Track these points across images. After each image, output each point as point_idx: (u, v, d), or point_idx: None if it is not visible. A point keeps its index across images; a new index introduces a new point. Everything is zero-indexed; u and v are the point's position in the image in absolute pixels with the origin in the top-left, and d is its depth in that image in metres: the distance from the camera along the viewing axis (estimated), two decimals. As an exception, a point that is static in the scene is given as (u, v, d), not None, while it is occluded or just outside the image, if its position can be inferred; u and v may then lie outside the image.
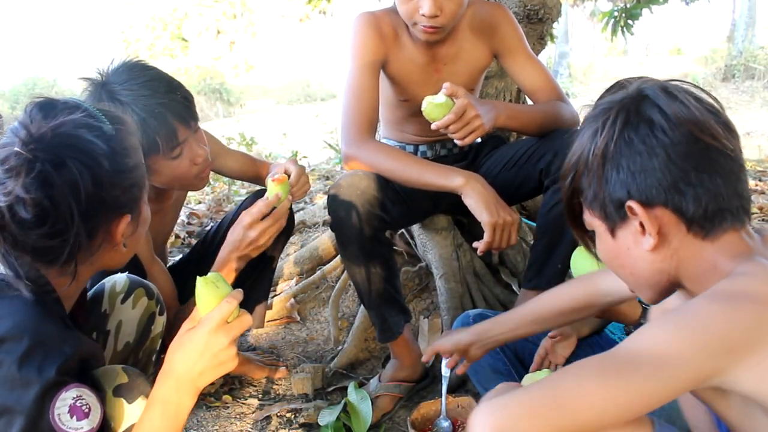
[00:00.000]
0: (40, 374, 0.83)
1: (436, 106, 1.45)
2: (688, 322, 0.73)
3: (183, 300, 1.62)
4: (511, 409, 0.69)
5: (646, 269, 0.84)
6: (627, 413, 0.70)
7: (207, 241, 1.90)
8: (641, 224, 0.81)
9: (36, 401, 0.81)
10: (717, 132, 0.78)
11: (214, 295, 0.95)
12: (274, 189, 1.48)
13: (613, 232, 0.85)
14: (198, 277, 0.96)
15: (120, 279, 1.30)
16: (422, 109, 1.46)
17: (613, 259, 0.88)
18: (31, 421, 0.81)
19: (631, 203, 0.80)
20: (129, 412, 0.94)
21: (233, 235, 1.46)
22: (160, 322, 1.37)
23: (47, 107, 0.93)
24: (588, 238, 0.93)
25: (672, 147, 0.78)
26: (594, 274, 1.21)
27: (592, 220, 0.88)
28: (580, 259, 1.39)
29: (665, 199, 0.79)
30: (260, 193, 1.65)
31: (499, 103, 1.49)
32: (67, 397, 0.84)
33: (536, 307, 1.26)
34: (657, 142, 0.78)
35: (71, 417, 0.84)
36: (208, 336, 0.91)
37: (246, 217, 1.44)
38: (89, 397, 0.87)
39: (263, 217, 1.44)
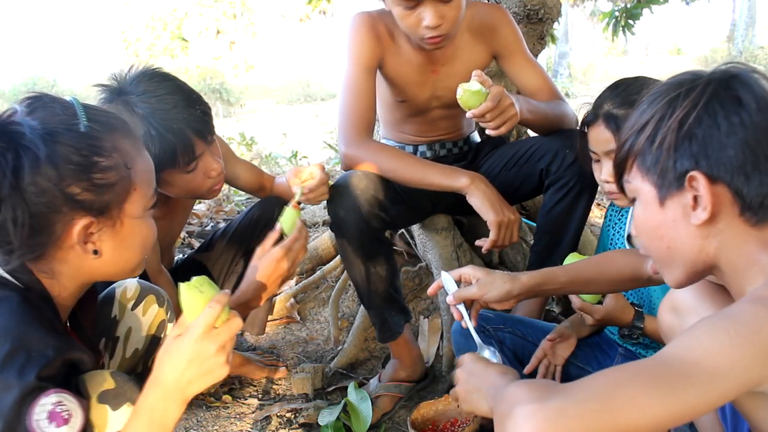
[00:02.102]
0: (20, 378, 0.81)
1: (473, 94, 1.39)
2: (738, 330, 0.72)
3: None
4: (558, 418, 0.67)
5: (687, 244, 0.84)
6: (677, 423, 0.70)
7: (212, 245, 1.89)
8: (695, 198, 0.80)
9: (14, 406, 0.80)
10: None
11: (198, 301, 0.91)
12: (288, 217, 1.37)
13: (663, 200, 0.84)
14: (180, 283, 0.92)
15: (131, 284, 1.27)
16: (458, 96, 1.41)
17: (653, 229, 0.87)
18: (8, 426, 0.79)
19: (695, 174, 0.79)
20: (113, 419, 0.91)
21: (264, 269, 1.29)
22: (170, 329, 1.34)
23: (31, 101, 0.94)
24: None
25: (752, 130, 0.78)
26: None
27: (641, 185, 0.87)
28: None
29: (730, 179, 0.79)
30: (270, 199, 1.69)
31: (518, 95, 1.48)
32: (46, 403, 0.82)
33: (587, 270, 1.25)
34: (740, 121, 0.78)
35: (50, 423, 0.82)
36: (195, 344, 0.88)
37: (278, 250, 1.28)
38: (70, 403, 0.85)
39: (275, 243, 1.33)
